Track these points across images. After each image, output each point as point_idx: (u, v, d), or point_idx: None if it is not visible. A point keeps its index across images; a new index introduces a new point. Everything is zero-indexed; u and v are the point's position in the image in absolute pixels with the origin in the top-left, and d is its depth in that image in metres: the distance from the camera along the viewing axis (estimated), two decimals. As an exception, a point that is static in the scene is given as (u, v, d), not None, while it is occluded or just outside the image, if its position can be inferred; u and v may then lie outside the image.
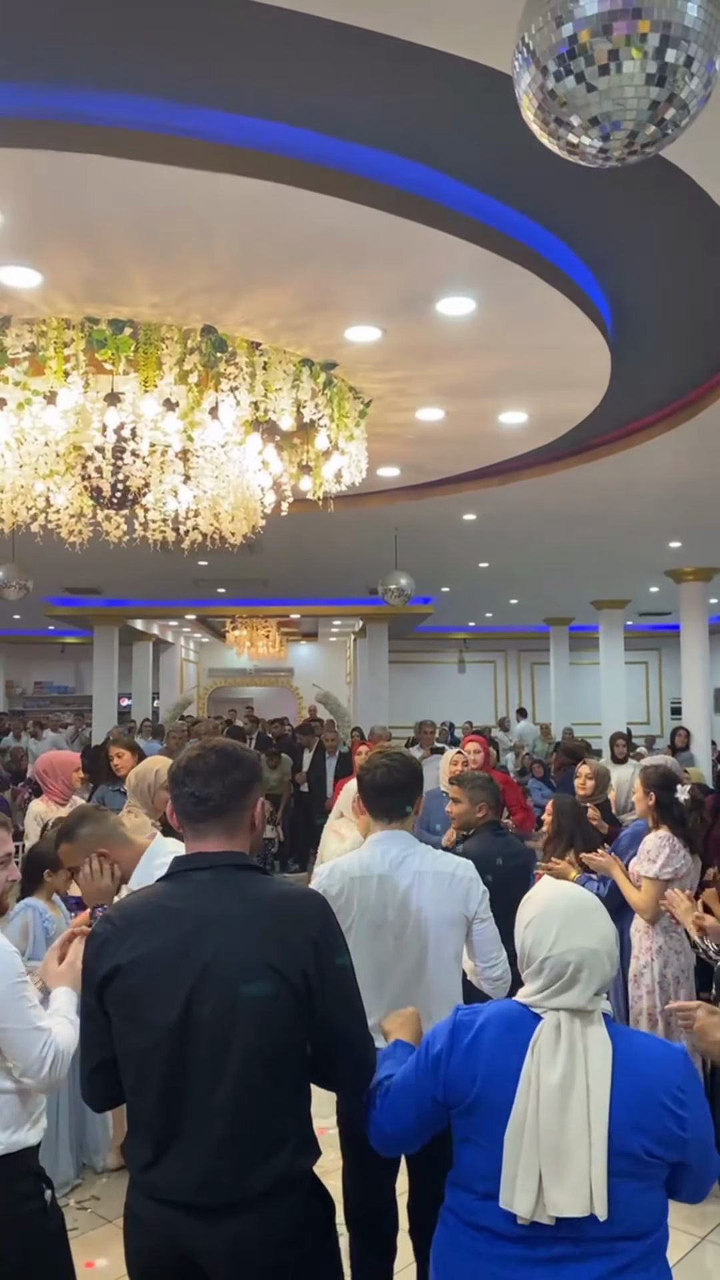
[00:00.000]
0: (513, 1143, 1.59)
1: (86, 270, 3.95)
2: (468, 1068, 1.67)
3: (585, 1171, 1.54)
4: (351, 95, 3.11)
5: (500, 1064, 1.65)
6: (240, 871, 1.87)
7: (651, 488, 7.71)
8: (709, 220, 3.67)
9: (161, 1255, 1.76)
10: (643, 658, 20.68)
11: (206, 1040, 1.73)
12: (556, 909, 1.72)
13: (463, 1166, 1.70)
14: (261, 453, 4.84)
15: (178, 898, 1.84)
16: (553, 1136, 1.56)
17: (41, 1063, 2.05)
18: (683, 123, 1.89)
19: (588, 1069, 1.60)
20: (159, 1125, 1.75)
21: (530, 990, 1.72)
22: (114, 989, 1.80)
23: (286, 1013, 1.76)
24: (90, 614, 14.98)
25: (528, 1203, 1.55)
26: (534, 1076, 1.60)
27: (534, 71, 1.88)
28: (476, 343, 4.75)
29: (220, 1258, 1.70)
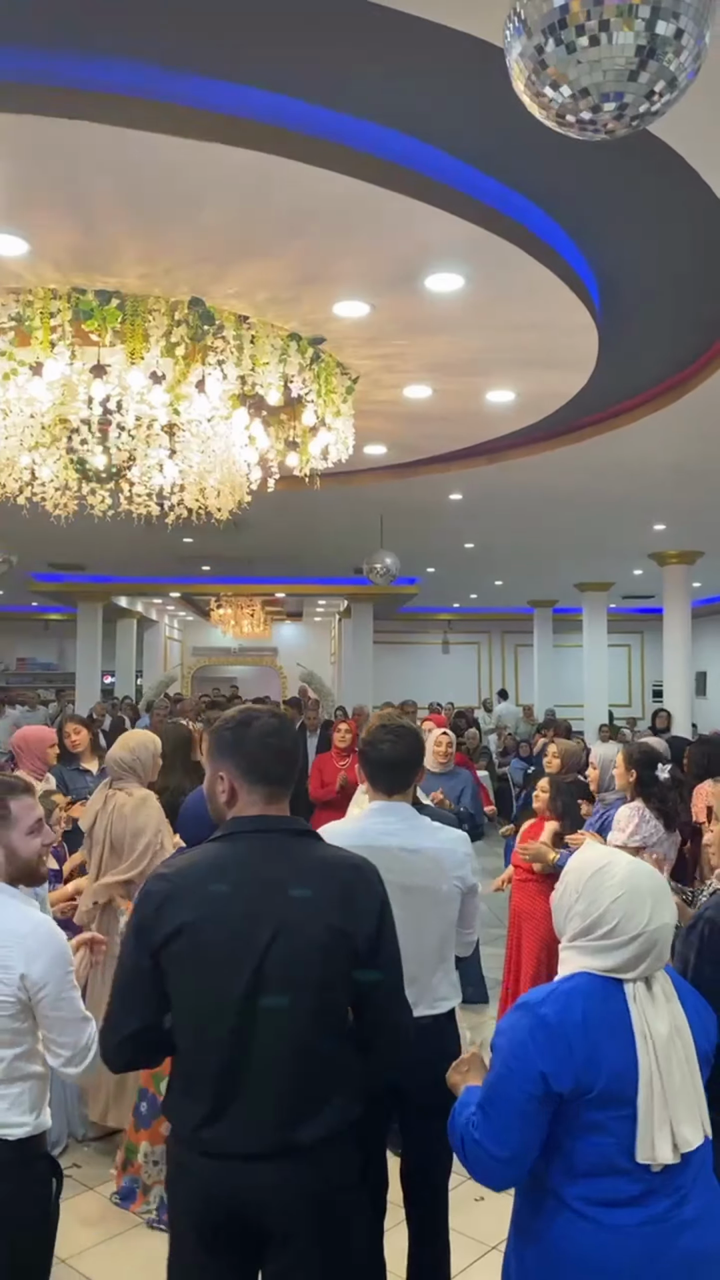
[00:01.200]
0: (647, 1099, 1.69)
1: (73, 239, 3.92)
2: (593, 1051, 1.71)
3: (695, 1102, 1.73)
4: (342, 66, 3.10)
5: (615, 1034, 1.72)
6: (303, 837, 1.94)
7: (637, 469, 7.74)
8: (698, 200, 3.68)
9: (215, 1207, 1.81)
10: (625, 640, 20.79)
11: (272, 998, 1.79)
12: (645, 886, 1.79)
13: (590, 1153, 1.71)
14: (248, 428, 4.83)
15: (244, 858, 1.88)
16: (674, 1081, 1.71)
17: (87, 1050, 2.09)
18: (672, 96, 1.89)
19: (675, 1012, 1.77)
20: (219, 1083, 1.80)
21: (611, 962, 1.76)
22: (177, 948, 1.82)
23: (348, 973, 1.84)
24: (74, 590, 14.92)
25: (668, 1149, 1.68)
26: (648, 1034, 1.71)
27: (525, 41, 1.88)
28: (465, 319, 4.75)
29: (275, 1203, 1.78)
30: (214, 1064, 1.81)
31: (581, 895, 1.81)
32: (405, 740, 2.67)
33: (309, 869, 1.88)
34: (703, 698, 18.27)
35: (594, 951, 1.77)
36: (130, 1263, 3.21)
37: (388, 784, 2.67)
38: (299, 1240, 1.79)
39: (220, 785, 1.95)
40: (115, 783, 4.03)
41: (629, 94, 1.86)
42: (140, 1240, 3.35)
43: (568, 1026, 1.71)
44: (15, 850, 2.13)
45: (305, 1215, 1.79)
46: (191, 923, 1.82)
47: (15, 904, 2.11)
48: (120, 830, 3.86)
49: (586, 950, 1.79)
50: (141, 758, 4.04)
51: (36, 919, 2.09)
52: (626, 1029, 1.72)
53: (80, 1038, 2.08)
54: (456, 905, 2.70)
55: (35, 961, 2.02)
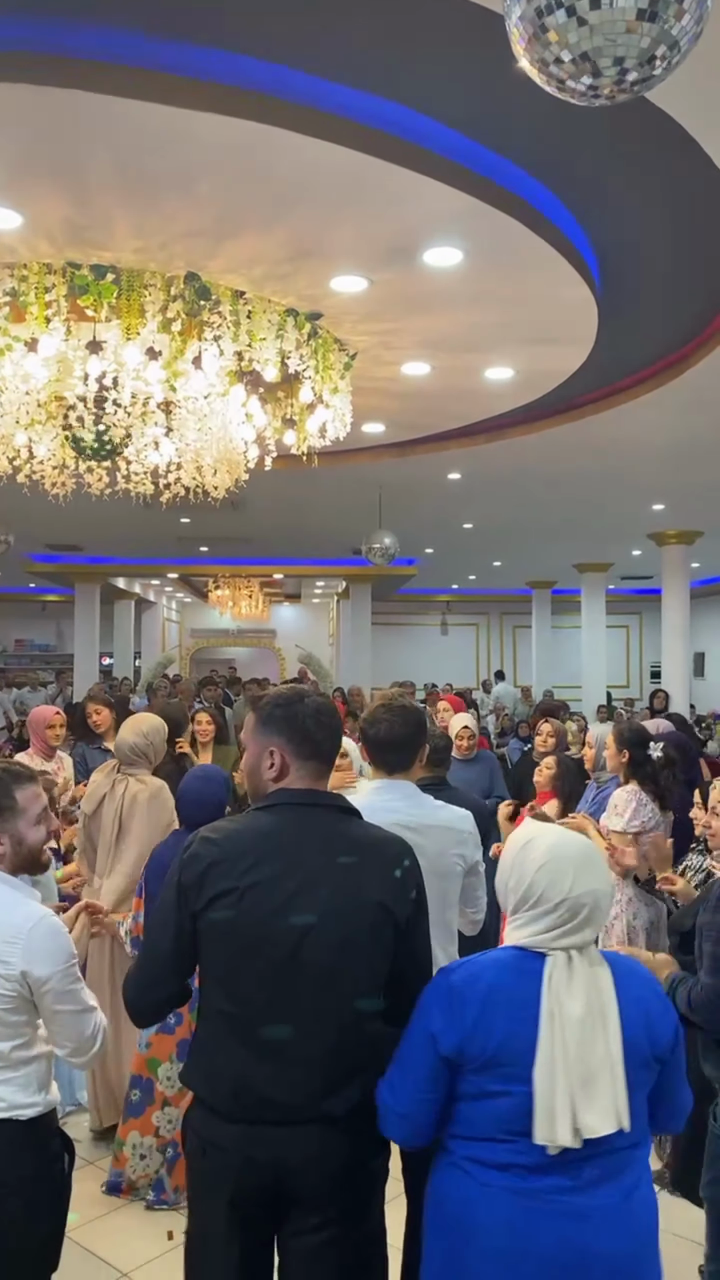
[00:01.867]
0: (545, 1078, 1.65)
1: (68, 212, 3.88)
2: (486, 1021, 1.70)
3: (611, 1090, 1.66)
4: (340, 35, 3.05)
5: (520, 1008, 1.70)
6: (346, 814, 1.98)
7: (636, 448, 7.71)
8: (699, 173, 3.64)
9: (246, 1173, 1.83)
10: (624, 621, 20.79)
11: (315, 970, 1.82)
12: (569, 853, 1.78)
13: (474, 1119, 1.72)
14: (245, 405, 4.80)
15: (291, 830, 1.90)
16: (583, 1064, 1.66)
17: (93, 1040, 2.09)
18: (674, 61, 1.86)
19: (600, 995, 1.71)
20: (257, 1050, 1.82)
21: (535, 930, 1.76)
22: (220, 913, 1.83)
23: (387, 947, 1.88)
24: (72, 571, 14.88)
25: (566, 1132, 1.63)
26: (556, 1012, 1.68)
27: (524, 5, 1.85)
28: (463, 294, 4.71)
29: (306, 1169, 1.81)
30: (252, 1030, 1.83)
31: (513, 868, 1.82)
32: (406, 719, 2.64)
33: (355, 844, 1.92)
34: (701, 678, 18.29)
35: (523, 924, 1.78)
36: (128, 1234, 3.24)
37: (388, 764, 2.66)
38: (325, 1206, 1.83)
39: (269, 760, 1.97)
40: (126, 768, 3.96)
41: (630, 58, 1.82)
42: (138, 1214, 3.37)
43: (466, 992, 1.73)
44: (22, 839, 2.13)
45: (335, 1182, 1.83)
46: (237, 888, 1.83)
47: (18, 896, 2.09)
48: (130, 819, 3.82)
49: (517, 923, 1.79)
50: (155, 743, 3.99)
51: (39, 913, 2.06)
52: (535, 1004, 1.69)
53: (85, 1029, 2.07)
54: (459, 883, 2.70)
55: (37, 958, 2.00)
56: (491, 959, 1.79)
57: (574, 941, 1.74)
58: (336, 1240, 1.84)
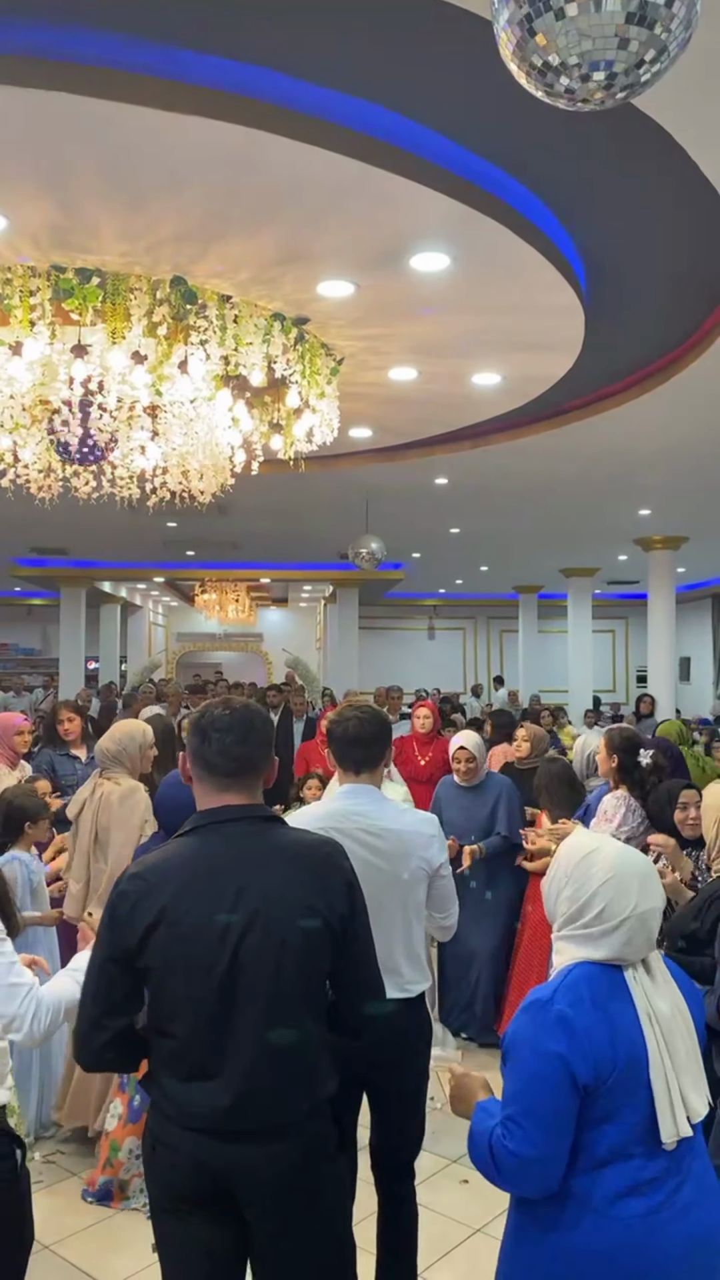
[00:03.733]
0: (659, 1079, 1.70)
1: (52, 215, 3.85)
2: (609, 1036, 1.71)
3: (699, 1073, 1.77)
4: (327, 40, 3.04)
5: (622, 1022, 1.74)
6: (269, 823, 1.98)
7: (623, 454, 7.72)
8: (686, 180, 3.64)
9: (191, 1179, 1.85)
10: (610, 626, 20.84)
11: (253, 979, 1.83)
12: (632, 870, 1.80)
13: (604, 1143, 1.69)
14: (231, 409, 4.77)
15: (213, 848, 1.92)
16: (679, 1056, 1.74)
17: (22, 1018, 2.07)
18: (662, 65, 1.86)
19: (675, 990, 1.81)
20: (201, 1058, 1.84)
21: (609, 948, 1.77)
22: (155, 941, 1.84)
23: (324, 951, 1.89)
24: (57, 575, 14.81)
25: (684, 1123, 1.71)
26: (651, 1015, 1.74)
27: (512, 8, 1.84)
28: (451, 300, 4.70)
29: (258, 1177, 1.82)
30: (197, 1046, 1.85)
31: (570, 880, 1.82)
32: (371, 719, 2.72)
33: (278, 853, 1.92)
34: (686, 683, 18.35)
35: (586, 940, 1.78)
36: (113, 1248, 3.20)
37: (352, 762, 2.70)
38: (279, 1212, 1.85)
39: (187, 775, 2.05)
40: (104, 772, 3.98)
41: (618, 63, 1.82)
42: (123, 1226, 3.33)
43: (582, 1016, 1.70)
44: None
45: (286, 1189, 1.84)
46: (168, 915, 1.85)
47: None
48: (105, 820, 3.82)
49: (579, 939, 1.78)
50: (128, 749, 3.97)
51: None
52: (631, 1011, 1.74)
53: (11, 1005, 2.07)
54: (423, 888, 2.70)
55: None
56: (578, 978, 1.75)
57: (644, 953, 1.80)
58: (297, 1246, 1.86)
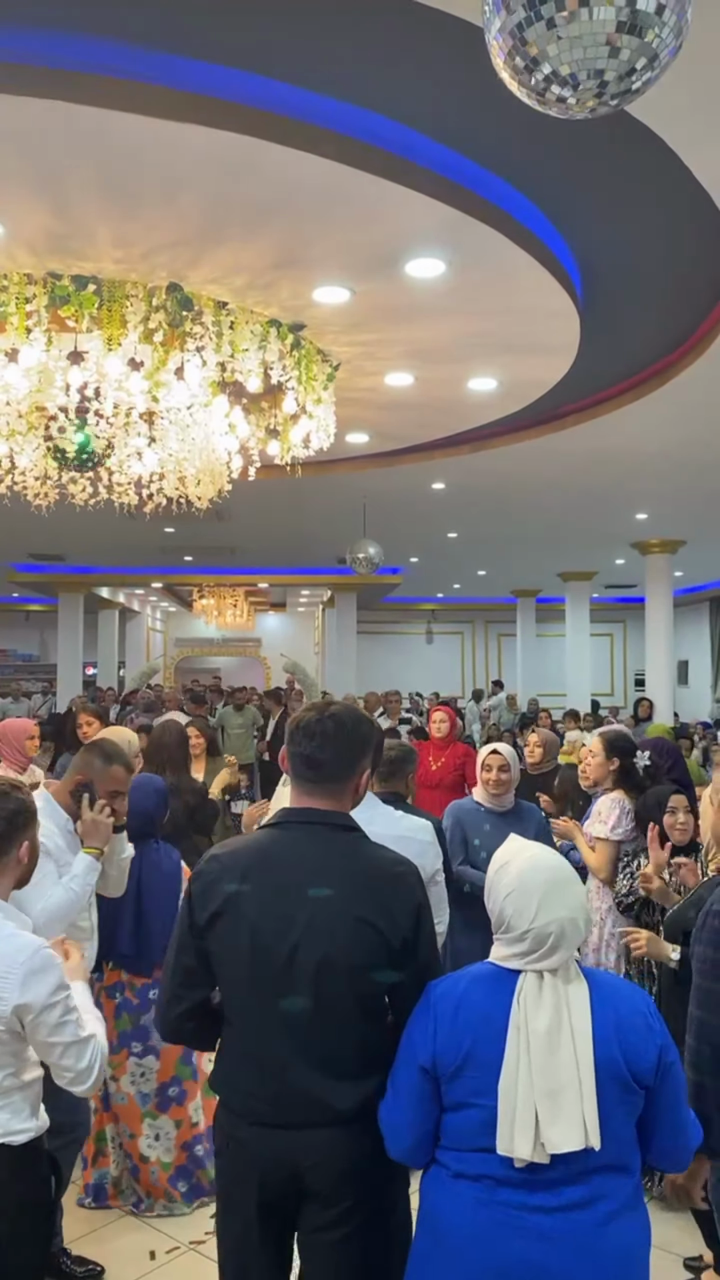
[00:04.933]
0: (508, 1089, 1.66)
1: (48, 222, 3.86)
2: (455, 1031, 1.74)
3: (578, 1107, 1.64)
4: (321, 46, 3.05)
5: (488, 1021, 1.72)
6: (347, 832, 1.99)
7: (619, 458, 7.73)
8: (679, 184, 3.65)
9: (268, 1172, 1.90)
10: (608, 630, 20.84)
11: (311, 979, 1.86)
12: (536, 881, 1.77)
13: (453, 1130, 1.76)
14: (228, 415, 4.78)
15: (287, 845, 1.96)
16: (545, 1078, 1.65)
17: (90, 1070, 2.06)
18: (653, 73, 1.86)
19: (570, 1010, 1.71)
20: (264, 1056, 1.90)
21: (509, 954, 1.78)
22: (221, 926, 1.91)
23: (382, 966, 1.88)
24: (55, 580, 14.81)
25: (527, 1145, 1.64)
26: (523, 1025, 1.69)
27: (504, 17, 1.84)
28: (446, 305, 4.71)
29: (320, 1167, 1.87)
30: (258, 1038, 1.90)
31: (490, 890, 1.84)
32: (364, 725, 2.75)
33: (344, 862, 1.94)
34: (684, 686, 18.35)
35: (502, 945, 1.80)
36: (113, 1252, 3.19)
37: None
38: (339, 1203, 1.88)
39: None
40: None
41: (609, 71, 1.83)
42: (119, 1232, 3.32)
43: (441, 1004, 1.77)
44: (35, 847, 2.21)
45: (347, 1180, 1.88)
46: (235, 902, 1.91)
47: (11, 927, 2.07)
48: None
49: (498, 943, 1.82)
50: None
51: (33, 944, 2.05)
52: (506, 1019, 1.71)
53: (81, 1060, 2.05)
54: None
55: (29, 989, 1.98)
56: (471, 973, 1.82)
57: (545, 966, 1.74)
58: (353, 1236, 1.89)
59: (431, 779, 6.28)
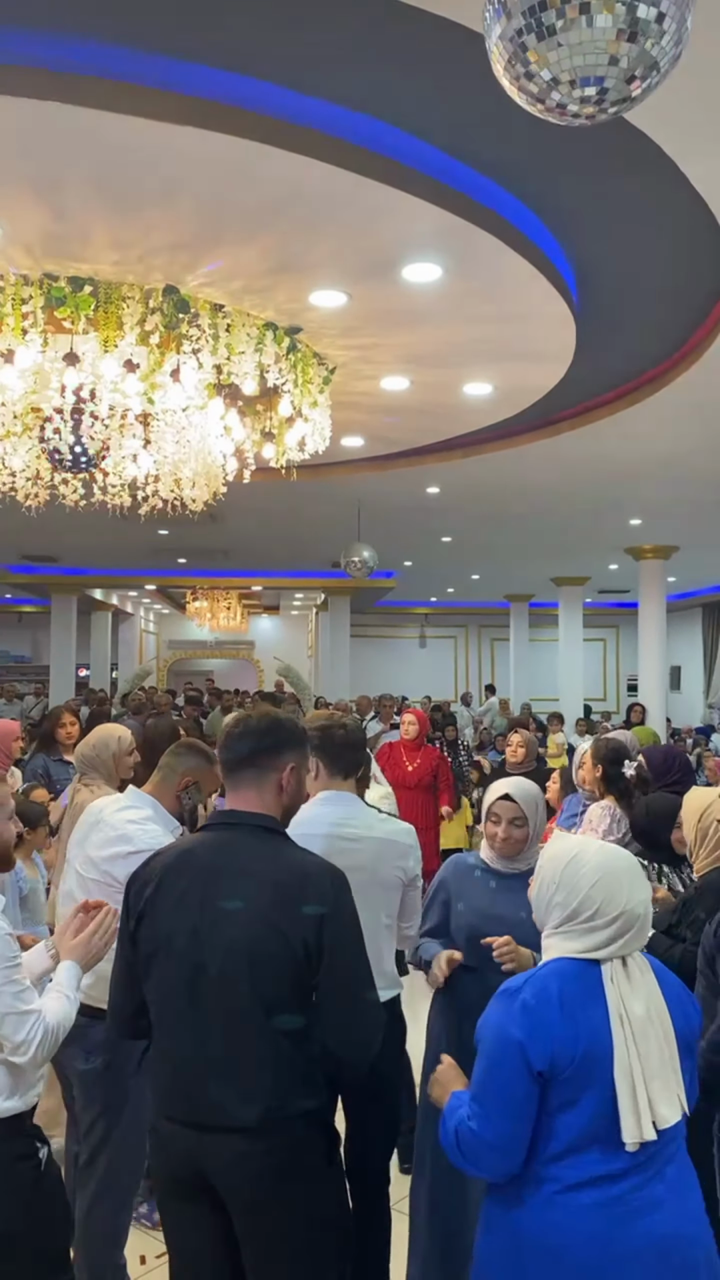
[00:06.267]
0: (624, 1078, 1.71)
1: (44, 224, 3.85)
2: (568, 1029, 1.74)
3: (673, 1081, 1.75)
4: (320, 50, 3.05)
5: (590, 1013, 1.76)
6: (266, 833, 2.00)
7: (614, 464, 7.75)
8: (676, 192, 3.66)
9: (178, 1167, 1.95)
10: (601, 635, 20.88)
11: (216, 984, 1.88)
12: (619, 867, 1.84)
13: (562, 1133, 1.74)
14: (224, 418, 4.78)
15: (205, 848, 2.00)
16: (650, 1060, 1.74)
17: (29, 1044, 2.07)
18: (653, 81, 1.87)
19: (653, 991, 1.80)
20: (175, 1057, 1.93)
21: (592, 943, 1.81)
22: (142, 929, 1.98)
23: (290, 970, 1.87)
24: (48, 582, 14.78)
25: (649, 1127, 1.70)
26: (623, 1014, 1.75)
27: (504, 24, 1.85)
28: (442, 310, 4.72)
29: (226, 1174, 1.88)
30: (171, 1039, 1.95)
31: (560, 886, 1.84)
32: (354, 728, 2.83)
33: (262, 865, 1.94)
34: (677, 692, 18.39)
35: (574, 936, 1.82)
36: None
37: (344, 768, 2.77)
38: (255, 1208, 1.89)
39: None
40: (82, 778, 3.94)
41: (609, 79, 1.83)
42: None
43: (544, 1006, 1.75)
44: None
45: (259, 1186, 1.87)
46: (152, 905, 1.96)
47: None
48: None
49: (568, 935, 1.83)
50: (101, 755, 3.90)
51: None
52: (602, 1008, 1.75)
53: (19, 1033, 2.05)
54: (397, 896, 2.73)
55: None
56: (550, 971, 1.81)
57: (633, 947, 1.82)
58: (275, 1240, 1.89)
59: (409, 780, 6.34)
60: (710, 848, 2.82)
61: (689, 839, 2.91)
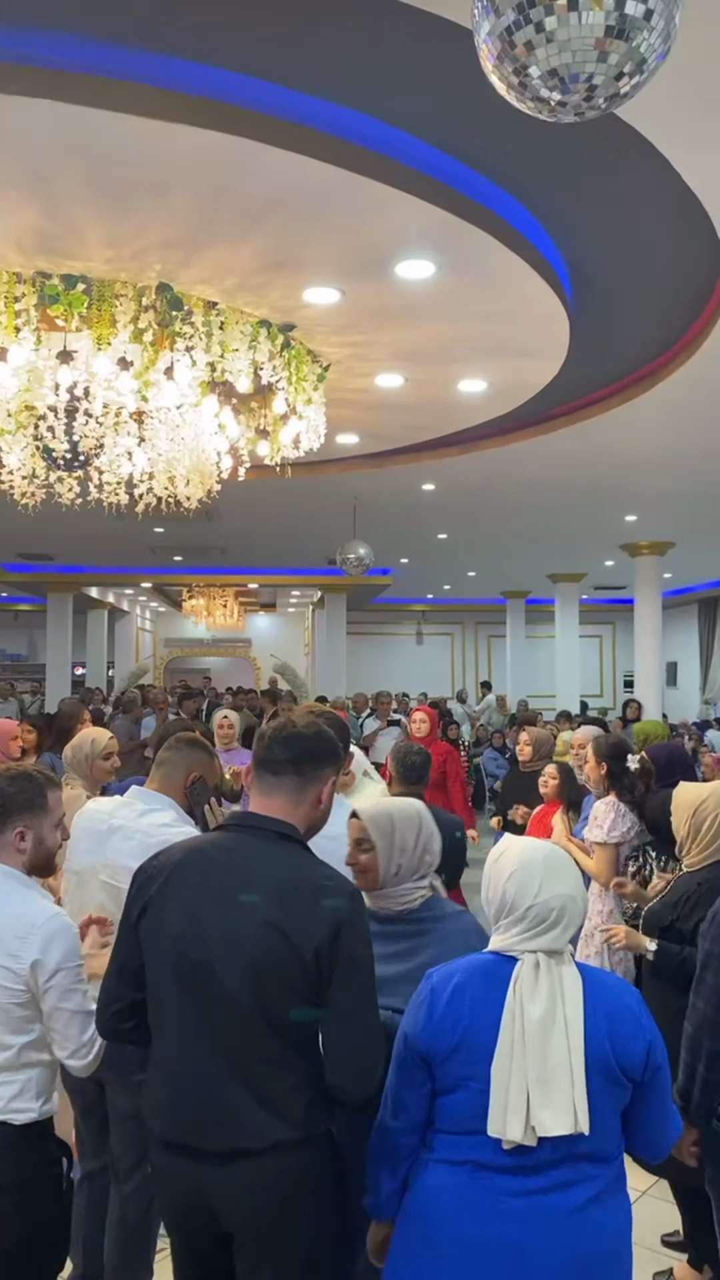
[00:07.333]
0: (500, 1073, 1.70)
1: (37, 221, 3.85)
2: (450, 1015, 1.77)
3: (569, 1092, 1.69)
4: (312, 48, 3.05)
5: (483, 1007, 1.76)
6: (286, 840, 1.91)
7: (609, 460, 7.75)
8: (668, 188, 3.67)
9: (176, 1198, 1.84)
10: (597, 631, 20.88)
11: (220, 992, 1.78)
12: (537, 860, 1.83)
13: (445, 1111, 1.79)
14: (218, 415, 4.78)
15: (219, 849, 1.91)
16: (538, 1063, 1.69)
17: (91, 1045, 2.10)
18: (641, 78, 1.87)
19: (564, 999, 1.75)
20: (171, 1074, 1.82)
21: (509, 935, 1.82)
22: (146, 922, 1.88)
23: (294, 985, 1.77)
24: (44, 580, 14.76)
25: (518, 1126, 1.67)
26: (517, 1011, 1.73)
27: (493, 21, 1.85)
28: (436, 307, 4.72)
29: (233, 1205, 1.77)
30: (168, 1051, 1.83)
31: (488, 882, 1.88)
32: (331, 726, 2.70)
33: (270, 868, 1.85)
34: (673, 688, 18.41)
35: (500, 930, 1.84)
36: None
37: None
38: (250, 1244, 1.78)
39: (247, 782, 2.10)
40: (66, 778, 3.94)
41: (598, 75, 1.83)
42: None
43: (437, 991, 1.80)
44: (43, 839, 2.22)
45: (266, 1220, 1.75)
46: (157, 902, 1.87)
47: (33, 894, 2.15)
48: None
49: (497, 930, 1.85)
50: (75, 757, 3.89)
51: (51, 910, 2.13)
52: (501, 1005, 1.75)
53: (85, 1033, 2.09)
54: None
55: (49, 951, 2.05)
56: (468, 961, 1.85)
57: (543, 944, 1.78)
58: (284, 1274, 1.78)
59: None
60: (705, 842, 2.85)
61: (681, 833, 2.93)
